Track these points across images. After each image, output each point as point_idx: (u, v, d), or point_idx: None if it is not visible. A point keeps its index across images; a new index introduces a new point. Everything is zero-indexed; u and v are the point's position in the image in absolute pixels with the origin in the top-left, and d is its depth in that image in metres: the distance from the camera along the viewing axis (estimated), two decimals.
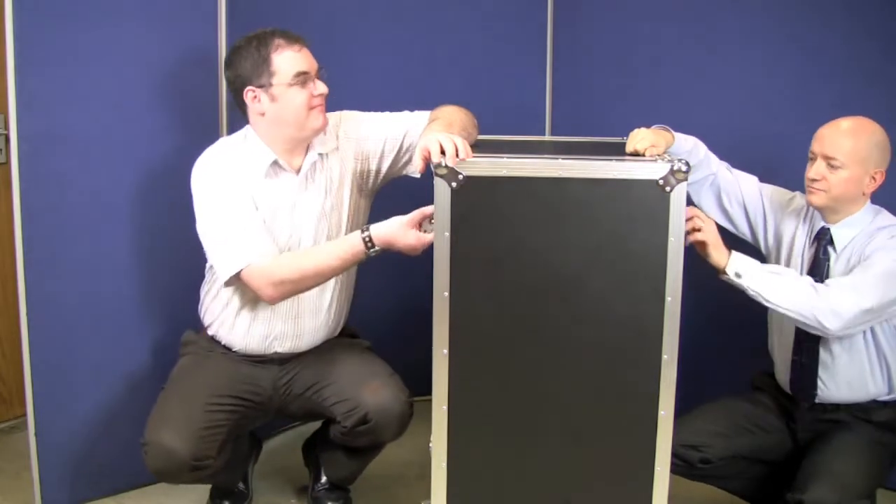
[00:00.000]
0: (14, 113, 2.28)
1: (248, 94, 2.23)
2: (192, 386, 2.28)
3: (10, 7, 2.23)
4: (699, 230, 2.07)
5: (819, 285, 2.09)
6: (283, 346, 2.36)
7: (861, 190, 2.15)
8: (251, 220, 2.22)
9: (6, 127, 2.39)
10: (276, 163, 2.26)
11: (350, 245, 2.16)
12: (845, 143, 2.12)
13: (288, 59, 2.20)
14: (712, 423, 2.27)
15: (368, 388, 2.29)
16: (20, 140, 2.30)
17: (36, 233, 2.36)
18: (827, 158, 2.12)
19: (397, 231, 2.10)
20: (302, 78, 2.21)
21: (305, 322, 2.36)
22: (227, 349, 2.37)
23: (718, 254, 2.09)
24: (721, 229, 2.37)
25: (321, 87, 2.24)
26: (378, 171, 2.38)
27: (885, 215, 2.20)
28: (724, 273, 2.09)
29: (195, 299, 2.42)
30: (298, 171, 2.29)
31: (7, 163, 2.41)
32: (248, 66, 2.20)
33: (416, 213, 2.10)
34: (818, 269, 2.21)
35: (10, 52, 2.25)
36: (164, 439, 2.15)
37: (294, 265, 2.19)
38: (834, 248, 2.19)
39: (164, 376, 2.39)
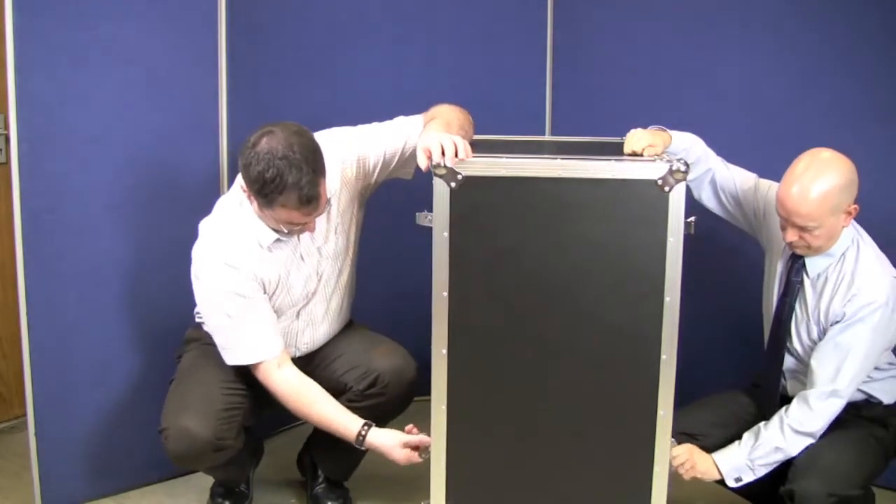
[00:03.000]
0: (14, 113, 2.28)
1: (244, 187, 2.14)
2: (204, 373, 2.29)
3: (10, 7, 2.23)
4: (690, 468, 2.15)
5: (803, 423, 2.11)
6: (301, 353, 2.41)
7: (840, 228, 2.11)
8: (255, 321, 2.22)
9: (6, 127, 2.39)
10: (278, 240, 2.23)
11: (345, 429, 2.23)
12: (810, 208, 2.04)
13: (289, 216, 2.11)
14: (711, 413, 2.29)
15: (378, 352, 2.35)
16: (20, 140, 2.30)
17: (36, 233, 2.36)
18: (798, 227, 2.08)
19: (392, 448, 2.20)
20: (294, 224, 2.15)
21: (320, 329, 2.41)
22: None
23: (710, 472, 2.17)
24: (725, 222, 2.39)
25: (312, 226, 2.18)
26: (377, 182, 2.39)
27: (859, 244, 2.16)
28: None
29: (194, 299, 2.42)
30: None
31: (7, 163, 2.41)
32: (255, 185, 2.07)
33: (416, 438, 2.18)
34: (790, 291, 2.20)
35: (10, 52, 2.25)
36: (185, 422, 2.17)
37: (294, 399, 2.25)
38: (806, 274, 2.18)
39: (163, 376, 2.39)
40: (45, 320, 2.41)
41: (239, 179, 2.18)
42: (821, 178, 2.04)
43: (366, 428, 2.22)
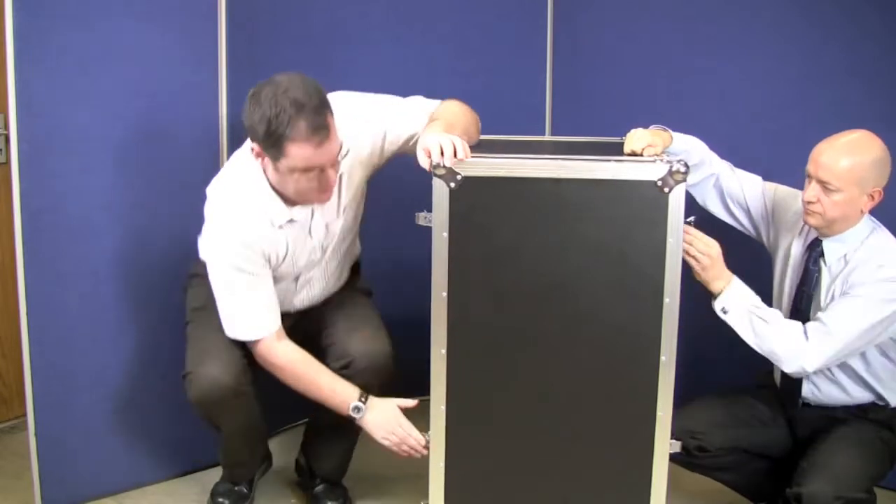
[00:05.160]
0: (14, 113, 2.28)
1: (254, 147, 2.10)
2: (218, 319, 2.29)
3: (10, 7, 2.23)
4: (694, 258, 2.10)
5: (799, 334, 2.10)
6: (296, 309, 2.42)
7: (858, 209, 2.11)
8: (260, 297, 2.22)
9: (6, 127, 2.39)
10: (291, 220, 2.22)
11: (340, 402, 2.24)
12: (840, 167, 2.06)
13: (302, 153, 2.03)
14: (712, 412, 2.28)
15: (358, 335, 2.35)
16: (20, 140, 2.30)
17: (36, 233, 2.36)
18: (822, 182, 2.08)
19: (382, 436, 2.22)
20: (311, 171, 2.08)
21: (315, 289, 2.42)
22: None
23: (718, 281, 2.13)
24: (729, 227, 2.39)
25: (331, 178, 2.12)
26: (386, 160, 2.35)
27: (879, 234, 2.16)
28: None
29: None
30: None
31: (7, 163, 2.41)
32: (260, 131, 2.02)
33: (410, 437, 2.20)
34: (808, 280, 2.20)
35: (10, 52, 2.25)
36: (208, 367, 2.21)
37: (292, 372, 2.26)
38: (824, 261, 2.18)
39: (163, 377, 2.40)
40: (45, 320, 2.41)
41: (247, 151, 2.15)
42: (859, 146, 2.08)
43: (357, 412, 2.21)
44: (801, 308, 2.22)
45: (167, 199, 2.57)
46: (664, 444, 2.00)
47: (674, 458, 2.09)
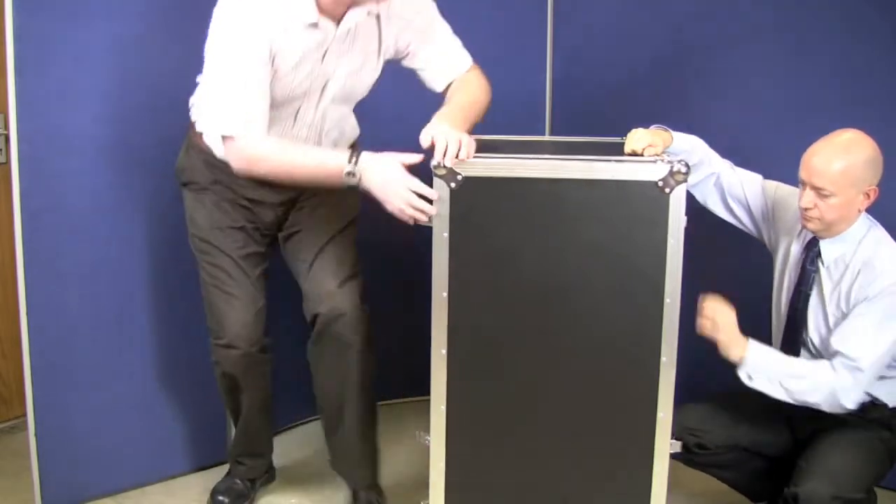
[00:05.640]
0: (14, 113, 2.28)
1: None
2: (236, 270, 2.31)
3: (10, 7, 2.23)
4: (714, 323, 2.10)
5: (830, 378, 2.07)
6: None
7: (855, 209, 2.11)
8: (254, 90, 2.08)
9: (6, 127, 2.40)
10: (315, 24, 2.08)
11: (331, 175, 2.06)
12: (832, 171, 2.05)
13: None
14: (712, 410, 2.28)
15: (326, 290, 2.33)
16: (20, 140, 2.30)
17: (36, 233, 2.36)
18: (816, 189, 2.07)
19: (391, 189, 2.00)
20: None
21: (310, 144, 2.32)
22: (226, 173, 2.24)
23: (733, 349, 2.12)
24: (729, 226, 2.39)
25: None
26: (400, 59, 2.33)
27: (876, 233, 2.16)
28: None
29: (195, 298, 2.42)
30: (339, 20, 2.11)
31: (7, 163, 2.41)
32: None
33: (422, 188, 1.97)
34: (805, 279, 2.20)
35: (10, 52, 2.25)
36: (237, 329, 2.29)
37: (272, 161, 2.10)
38: (822, 261, 2.18)
39: (164, 377, 2.39)
40: (45, 320, 2.41)
41: None
42: (849, 148, 2.07)
43: (351, 176, 2.03)
44: (798, 307, 2.23)
45: (168, 200, 2.56)
46: (664, 445, 2.00)
47: (673, 455, 2.09)
